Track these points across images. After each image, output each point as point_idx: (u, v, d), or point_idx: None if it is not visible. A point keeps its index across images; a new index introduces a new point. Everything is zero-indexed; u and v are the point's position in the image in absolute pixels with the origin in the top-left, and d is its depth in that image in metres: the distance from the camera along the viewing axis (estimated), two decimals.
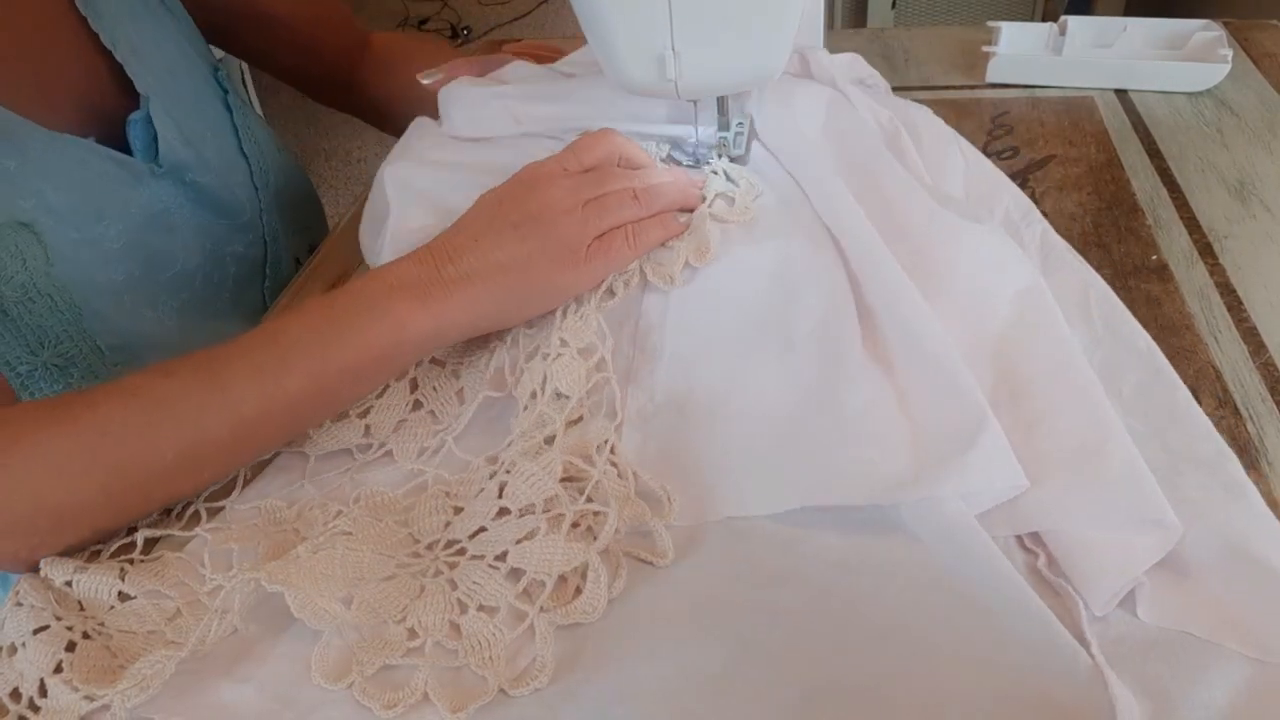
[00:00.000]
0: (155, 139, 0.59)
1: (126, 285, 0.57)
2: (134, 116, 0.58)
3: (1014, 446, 0.40)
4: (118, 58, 0.58)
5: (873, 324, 0.47)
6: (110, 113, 0.58)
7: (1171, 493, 0.38)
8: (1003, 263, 0.48)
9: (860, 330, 0.46)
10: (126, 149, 0.59)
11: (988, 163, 0.58)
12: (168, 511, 0.46)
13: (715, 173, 0.55)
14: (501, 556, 0.40)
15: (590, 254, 0.48)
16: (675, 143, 0.60)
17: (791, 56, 0.63)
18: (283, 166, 0.74)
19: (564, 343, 0.47)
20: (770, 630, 0.36)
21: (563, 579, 0.39)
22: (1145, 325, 0.51)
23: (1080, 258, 0.52)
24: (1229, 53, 0.74)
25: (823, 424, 0.43)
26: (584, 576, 0.39)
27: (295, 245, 0.73)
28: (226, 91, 0.67)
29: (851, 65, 0.65)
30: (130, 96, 0.59)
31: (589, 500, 0.41)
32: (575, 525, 0.40)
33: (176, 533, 0.44)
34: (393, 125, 0.76)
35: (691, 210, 0.53)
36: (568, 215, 0.47)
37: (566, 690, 0.35)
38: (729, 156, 0.56)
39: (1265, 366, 0.48)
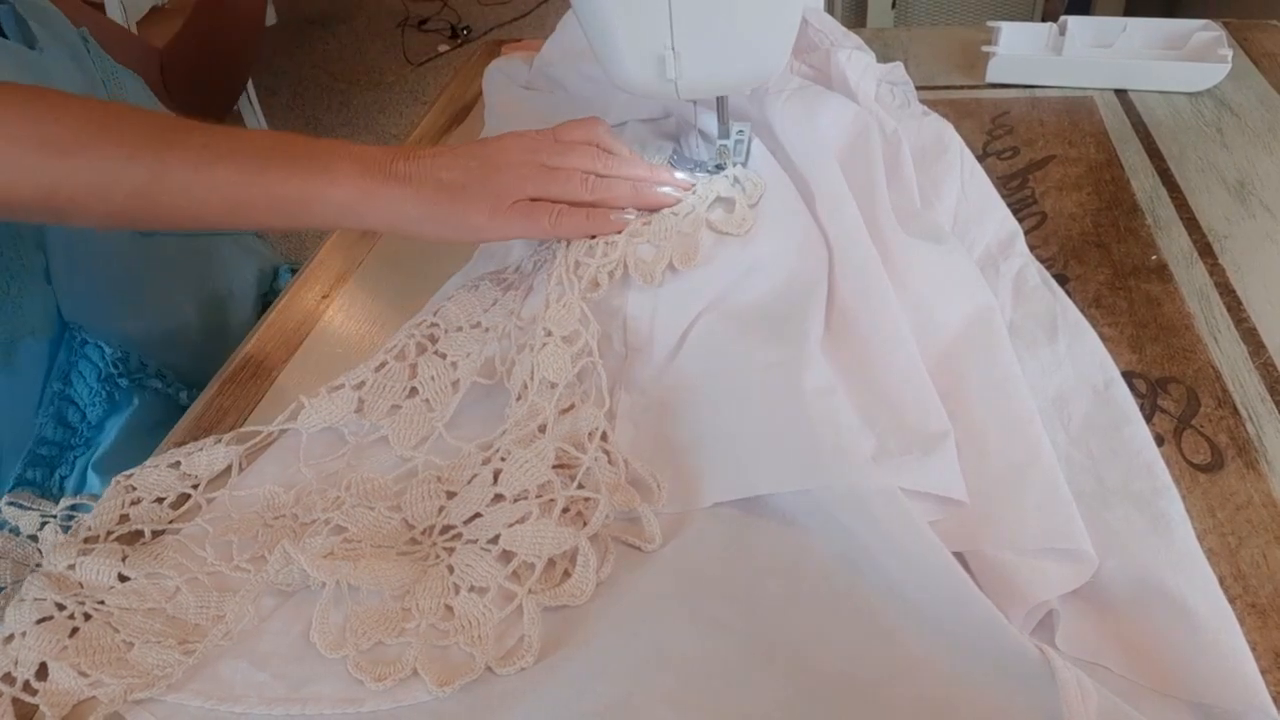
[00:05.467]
0: (27, 29, 0.61)
1: None
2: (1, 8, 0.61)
3: None
4: None
5: (847, 320, 0.48)
6: None
7: (1095, 524, 0.39)
8: (955, 284, 0.49)
9: (828, 320, 0.47)
10: None
11: (988, 188, 0.58)
12: (160, 499, 0.46)
13: (725, 176, 0.55)
14: (494, 539, 0.41)
15: (512, 210, 0.49)
16: (676, 149, 0.60)
17: (816, 52, 0.63)
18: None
19: (548, 332, 0.48)
20: (749, 616, 0.37)
21: (552, 562, 0.40)
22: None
23: (1059, 290, 0.52)
24: (1229, 53, 0.74)
25: (785, 406, 0.43)
26: (573, 560, 0.40)
27: None
28: (87, 42, 0.68)
29: (890, 71, 0.66)
30: None
31: (580, 486, 0.42)
32: (566, 510, 0.41)
33: (178, 525, 0.45)
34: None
35: (648, 209, 0.53)
36: (511, 168, 0.49)
37: (549, 666, 0.36)
38: (729, 164, 0.56)
39: (1265, 366, 0.48)
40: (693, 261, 0.50)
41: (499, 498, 0.42)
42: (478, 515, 0.42)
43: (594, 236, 0.51)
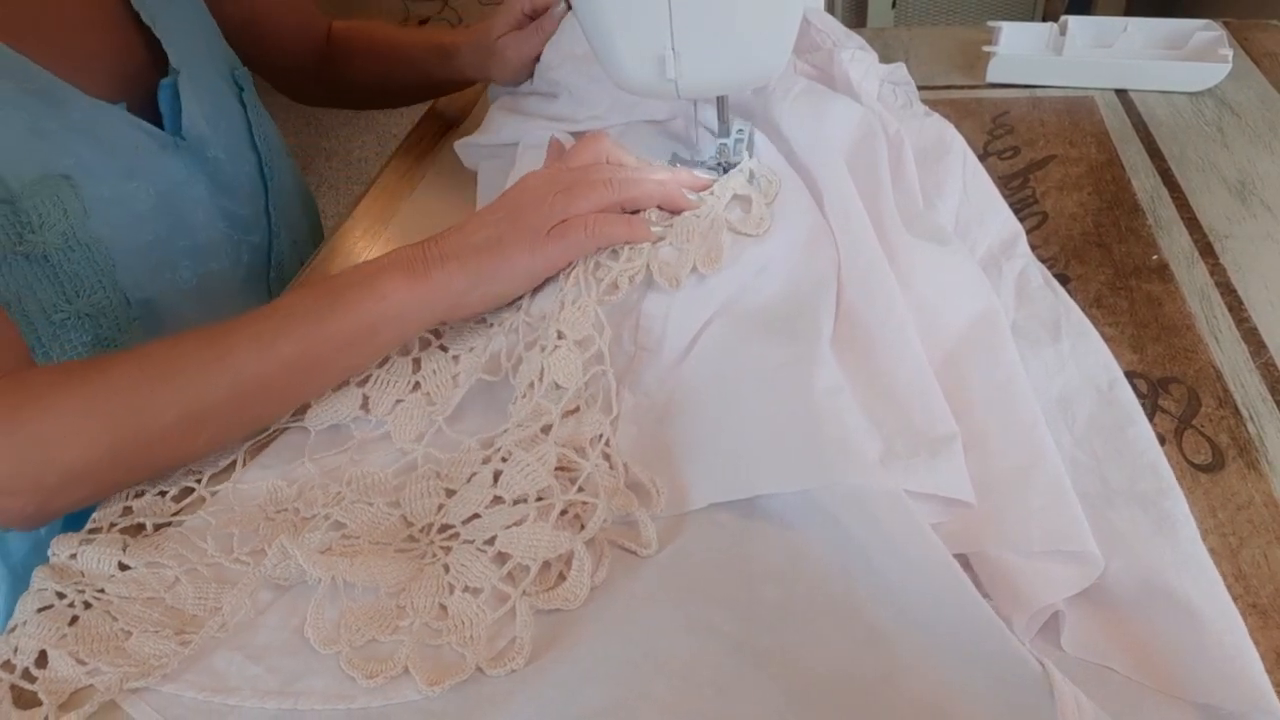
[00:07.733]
0: (180, 114, 0.61)
1: (153, 246, 0.60)
2: (165, 82, 0.61)
3: None
4: (156, 33, 0.60)
5: (854, 321, 0.47)
6: (140, 83, 0.61)
7: (1100, 525, 0.38)
8: (958, 285, 0.49)
9: (835, 322, 0.47)
10: (154, 120, 0.61)
11: (990, 188, 0.58)
12: (163, 492, 0.46)
13: (740, 172, 0.55)
14: (490, 540, 0.41)
15: (549, 238, 0.50)
16: (678, 149, 0.60)
17: (819, 52, 0.63)
18: (289, 170, 0.75)
19: (561, 335, 0.48)
20: (744, 621, 0.37)
21: (547, 565, 0.40)
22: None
23: (1062, 291, 0.51)
24: (1229, 52, 0.74)
25: (794, 406, 0.43)
26: (569, 563, 0.40)
27: (290, 249, 0.74)
28: (242, 89, 0.69)
29: (892, 72, 0.66)
30: (159, 72, 0.61)
31: (580, 490, 0.42)
32: (564, 513, 0.41)
33: (182, 518, 0.45)
34: (359, 105, 0.89)
35: (673, 210, 0.53)
36: (534, 202, 0.50)
37: (539, 669, 0.36)
38: (729, 163, 0.56)
39: (1265, 366, 0.48)
40: (717, 264, 0.49)
41: (498, 499, 0.42)
42: (476, 516, 0.42)
43: (628, 243, 0.51)
